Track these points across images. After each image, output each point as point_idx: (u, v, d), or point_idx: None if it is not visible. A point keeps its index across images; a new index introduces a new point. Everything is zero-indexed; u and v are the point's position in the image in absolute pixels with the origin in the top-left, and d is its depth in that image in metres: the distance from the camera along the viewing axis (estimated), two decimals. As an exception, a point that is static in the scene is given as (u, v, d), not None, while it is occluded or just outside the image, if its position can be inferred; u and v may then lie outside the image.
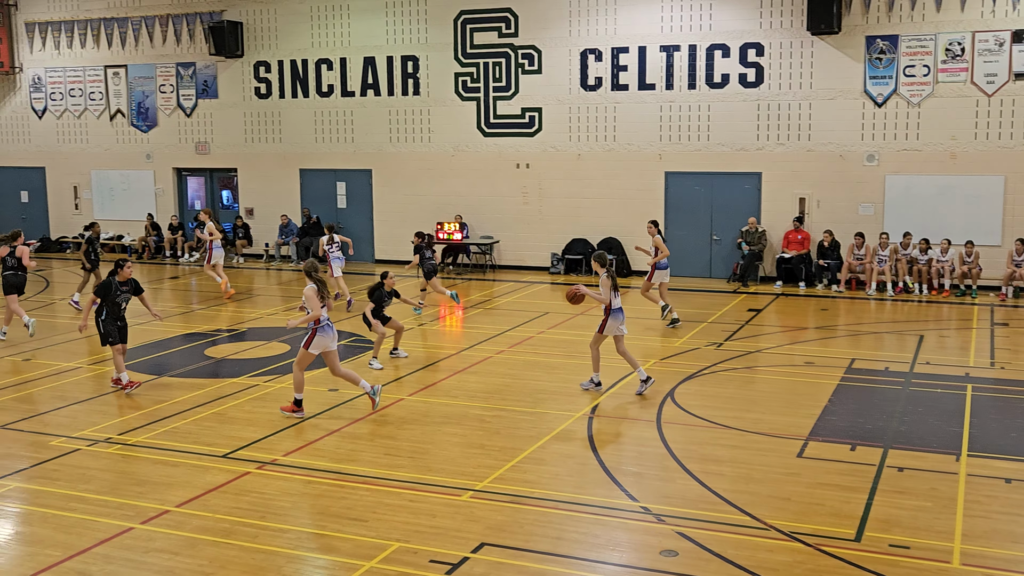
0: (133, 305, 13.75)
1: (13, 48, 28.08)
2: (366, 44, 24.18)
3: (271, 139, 25.61)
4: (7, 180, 29.16)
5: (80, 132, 27.93)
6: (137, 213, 27.14)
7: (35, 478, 9.86)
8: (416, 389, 12.91)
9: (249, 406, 12.23)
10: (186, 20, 25.95)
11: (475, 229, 23.68)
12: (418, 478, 9.59)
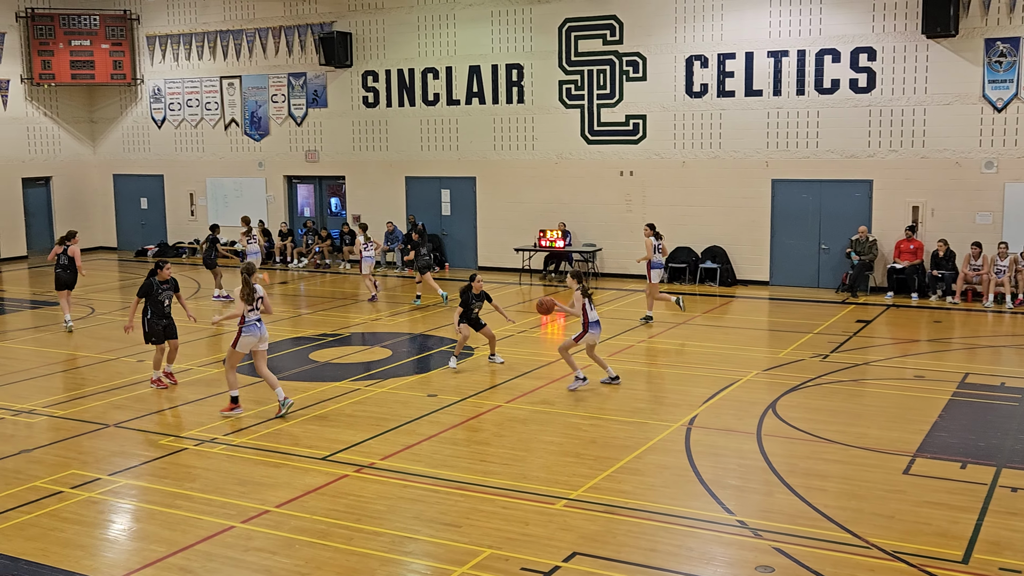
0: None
1: (135, 60, 29.20)
2: (471, 53, 24.39)
3: (378, 147, 26.04)
4: (128, 187, 30.32)
5: (196, 141, 28.87)
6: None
7: (144, 475, 10.20)
8: (513, 396, 12.93)
9: (350, 409, 12.42)
10: (297, 32, 26.59)
11: (578, 237, 23.63)
12: (512, 485, 9.59)
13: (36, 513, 9.09)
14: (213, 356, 15.52)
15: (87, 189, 30.43)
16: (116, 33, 28.75)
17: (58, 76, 28.46)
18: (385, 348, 16.05)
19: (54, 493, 9.60)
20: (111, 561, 8.15)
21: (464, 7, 24.29)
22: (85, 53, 28.54)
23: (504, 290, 21.83)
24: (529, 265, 23.75)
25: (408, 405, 12.56)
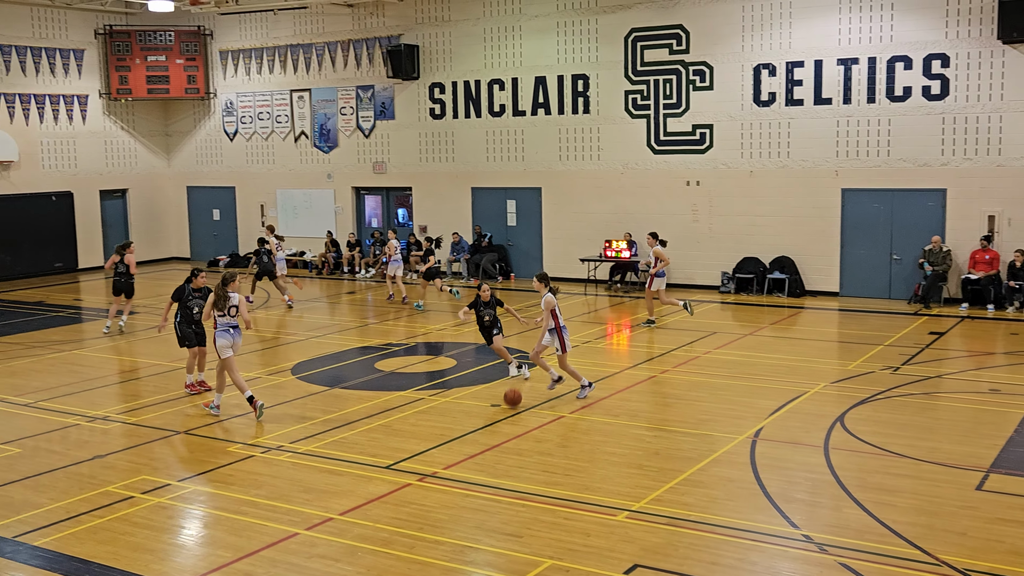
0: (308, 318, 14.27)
1: (208, 75, 29.82)
2: (537, 64, 24.44)
3: (444, 158, 26.22)
4: (202, 199, 30.95)
5: (267, 153, 29.37)
6: (318, 230, 28.28)
7: (212, 481, 10.38)
8: (577, 407, 12.89)
9: (414, 419, 12.50)
10: (366, 45, 26.92)
11: (644, 247, 23.49)
12: (574, 496, 9.56)
13: (108, 517, 9.30)
14: (280, 366, 15.75)
15: (162, 201, 31.14)
16: (190, 48, 29.40)
17: (135, 91, 29.19)
18: (450, 358, 16.12)
19: (126, 498, 9.81)
20: (179, 566, 8.30)
21: (530, 18, 24.37)
22: (160, 68, 29.24)
23: (569, 300, 21.79)
24: (595, 275, 23.70)
25: (471, 415, 12.60)
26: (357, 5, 26.60)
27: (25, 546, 8.69)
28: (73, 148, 28.74)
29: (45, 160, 28.08)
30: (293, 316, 20.79)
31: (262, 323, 20.11)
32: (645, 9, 22.89)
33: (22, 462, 11.14)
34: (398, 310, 21.19)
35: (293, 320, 20.32)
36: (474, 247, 25.51)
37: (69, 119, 28.54)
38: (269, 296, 23.53)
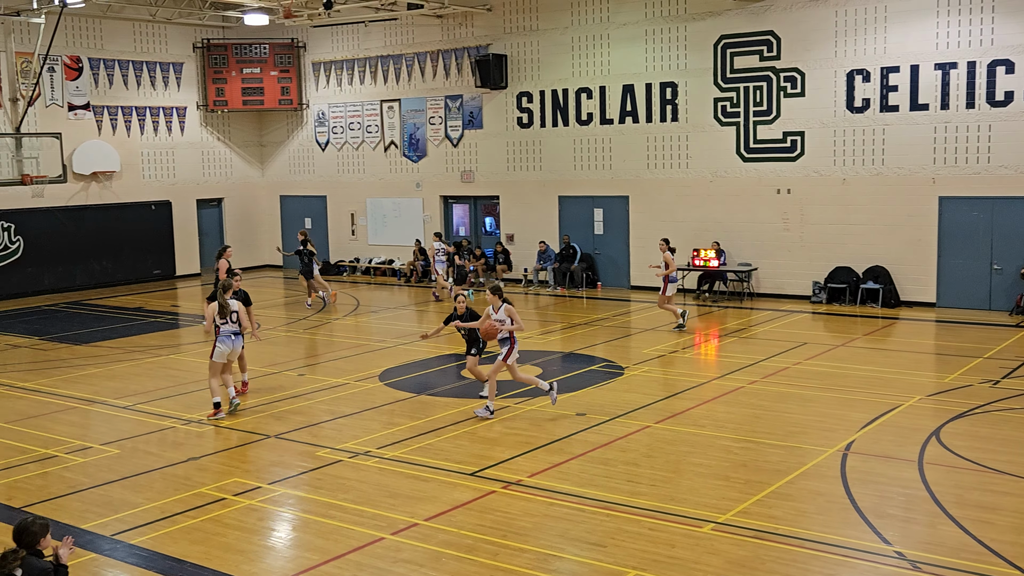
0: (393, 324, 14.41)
1: (301, 86, 30.44)
2: (625, 72, 24.36)
3: (532, 167, 26.28)
4: (294, 208, 31.57)
5: (357, 163, 29.82)
6: (406, 239, 28.60)
7: (302, 485, 10.56)
8: (663, 417, 12.78)
9: (499, 426, 12.54)
10: (455, 55, 27.17)
11: (733, 256, 23.21)
12: (659, 507, 9.48)
13: (201, 518, 9.53)
14: (368, 372, 15.94)
15: (256, 210, 31.85)
16: (284, 61, 30.05)
17: (230, 102, 29.95)
18: (536, 366, 16.13)
19: (218, 499, 10.05)
20: (268, 567, 8.47)
21: (618, 27, 24.31)
22: (255, 80, 29.94)
23: (657, 310, 21.62)
24: (682, 285, 23.47)
25: (557, 423, 12.59)
26: (446, 16, 26.87)
27: (123, 544, 8.96)
28: (172, 158, 29.59)
29: (145, 170, 28.97)
30: (382, 322, 21.05)
31: (350, 329, 20.43)
32: (735, 16, 22.64)
33: (120, 463, 11.49)
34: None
35: (382, 327, 20.57)
36: (561, 256, 25.49)
37: (168, 130, 29.40)
38: (358, 303, 23.87)
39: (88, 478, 10.92)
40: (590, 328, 19.63)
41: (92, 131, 27.62)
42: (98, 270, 27.93)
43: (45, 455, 11.81)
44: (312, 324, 21.02)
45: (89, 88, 27.47)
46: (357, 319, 21.78)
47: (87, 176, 27.44)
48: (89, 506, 10.00)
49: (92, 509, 9.90)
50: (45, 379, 16.06)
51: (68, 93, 27.05)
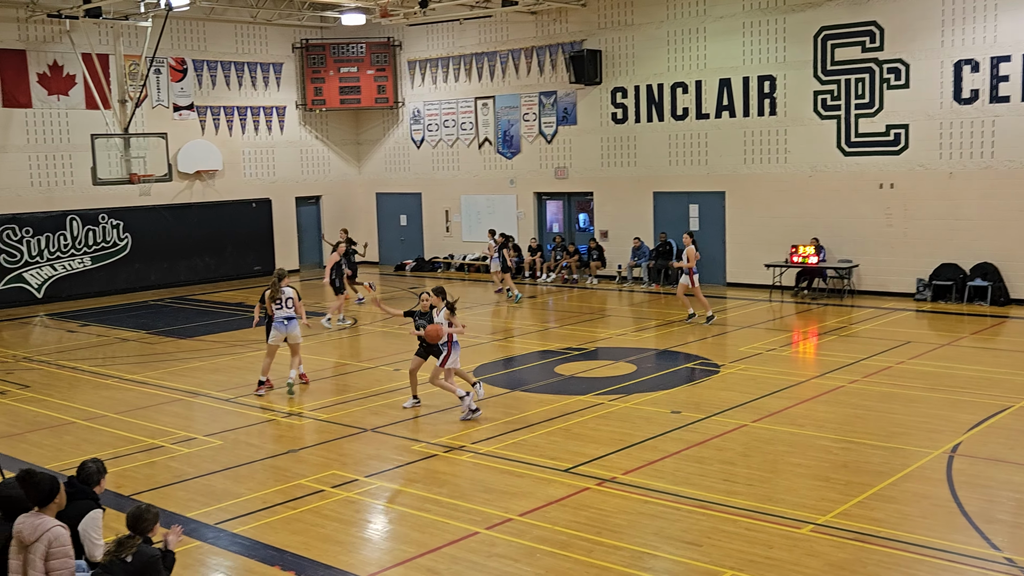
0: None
1: (397, 84, 30.79)
2: (722, 66, 24.02)
3: (626, 163, 26.12)
4: (390, 205, 31.97)
5: (452, 160, 30.04)
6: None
7: (398, 479, 10.68)
8: (760, 416, 12.57)
9: (593, 423, 12.49)
10: (549, 51, 27.16)
11: (832, 252, 22.70)
12: (756, 507, 9.32)
13: (300, 509, 9.71)
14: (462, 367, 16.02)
15: (352, 207, 32.34)
16: (380, 59, 30.44)
17: (328, 101, 30.46)
18: (630, 363, 16.03)
19: (317, 491, 10.23)
20: (365, 558, 8.58)
21: (715, 20, 23.98)
22: (352, 79, 30.40)
23: (754, 307, 21.31)
24: (780, 282, 23.05)
25: (651, 421, 12.49)
26: (540, 12, 26.87)
27: (226, 533, 9.19)
28: (272, 157, 30.24)
29: (246, 168, 29.65)
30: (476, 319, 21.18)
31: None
32: (836, 7, 22.12)
33: (223, 454, 11.79)
34: (576, 315, 21.25)
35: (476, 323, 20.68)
36: (656, 252, 25.28)
37: (268, 130, 30.05)
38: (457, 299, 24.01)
39: (192, 468, 11.23)
40: (685, 325, 19.41)
41: (196, 131, 28.38)
42: (201, 266, 28.70)
43: (152, 445, 12.18)
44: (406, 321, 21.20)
45: (193, 89, 28.24)
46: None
47: (191, 175, 28.22)
48: (193, 495, 10.28)
49: (196, 498, 10.17)
50: (152, 372, 16.56)
51: (173, 94, 27.85)
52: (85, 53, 25.25)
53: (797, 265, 22.66)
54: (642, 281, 25.47)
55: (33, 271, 25.28)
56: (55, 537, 6.20)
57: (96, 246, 26.38)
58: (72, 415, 13.78)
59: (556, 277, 26.74)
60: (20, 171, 25.05)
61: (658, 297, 23.44)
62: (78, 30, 25.18)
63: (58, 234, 25.61)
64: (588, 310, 21.95)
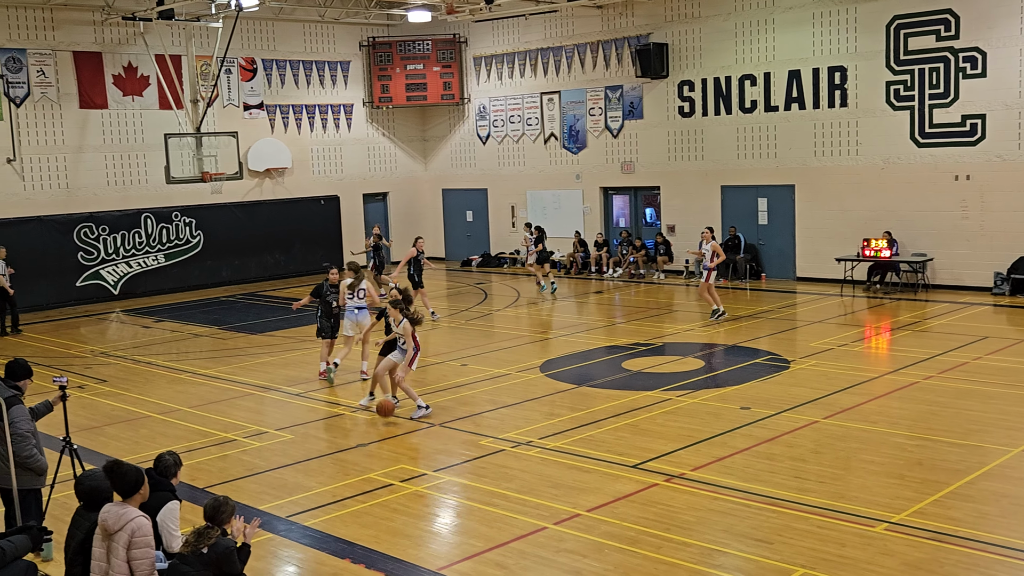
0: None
1: (463, 81, 30.90)
2: (791, 57, 23.67)
3: (693, 157, 25.89)
4: (456, 201, 32.10)
5: (517, 155, 30.06)
6: (566, 230, 28.64)
7: (466, 473, 10.73)
8: (831, 412, 12.37)
9: (661, 419, 12.42)
10: (615, 45, 27.02)
11: (906, 246, 22.24)
12: (829, 504, 9.18)
13: (370, 503, 9.81)
14: (529, 363, 16.05)
15: (419, 203, 32.54)
16: (446, 56, 30.57)
17: (395, 99, 30.69)
18: (698, 359, 15.90)
19: (386, 485, 10.32)
20: (434, 552, 8.64)
21: (784, 10, 23.64)
22: (418, 76, 30.58)
23: (824, 302, 20.99)
24: (851, 276, 22.65)
25: (720, 417, 12.37)
26: (606, 6, 26.74)
27: (297, 526, 9.32)
28: (339, 154, 30.56)
29: (315, 166, 30.02)
30: (542, 314, 21.18)
31: (510, 320, 20.64)
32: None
33: (294, 447, 11.95)
34: (644, 310, 21.13)
35: (542, 318, 20.69)
36: (725, 247, 24.99)
37: (336, 127, 30.37)
38: (518, 295, 24.08)
39: (264, 461, 11.41)
40: (754, 320, 19.20)
41: (265, 129, 28.80)
42: (271, 262, 29.12)
43: (225, 439, 12.40)
44: (474, 315, 21.32)
45: (263, 88, 28.65)
46: (517, 310, 21.98)
47: (261, 173, 28.64)
48: (265, 488, 10.44)
49: (268, 491, 10.33)
50: (224, 367, 16.86)
51: (243, 93, 28.29)
52: (158, 54, 25.77)
53: (869, 259, 22.25)
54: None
55: (109, 268, 25.89)
56: (138, 527, 6.35)
57: (169, 243, 26.93)
58: (148, 409, 14.09)
59: (623, 272, 26.62)
60: (97, 171, 25.67)
61: (726, 292, 23.20)
62: (151, 32, 25.70)
63: (133, 232, 26.21)
64: (655, 305, 21.82)
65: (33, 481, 8.45)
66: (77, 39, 25.05)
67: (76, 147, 25.29)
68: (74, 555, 6.69)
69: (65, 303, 24.81)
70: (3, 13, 23.87)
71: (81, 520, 6.77)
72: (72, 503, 8.74)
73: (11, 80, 24.04)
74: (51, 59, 24.67)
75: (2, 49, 23.87)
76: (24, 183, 24.52)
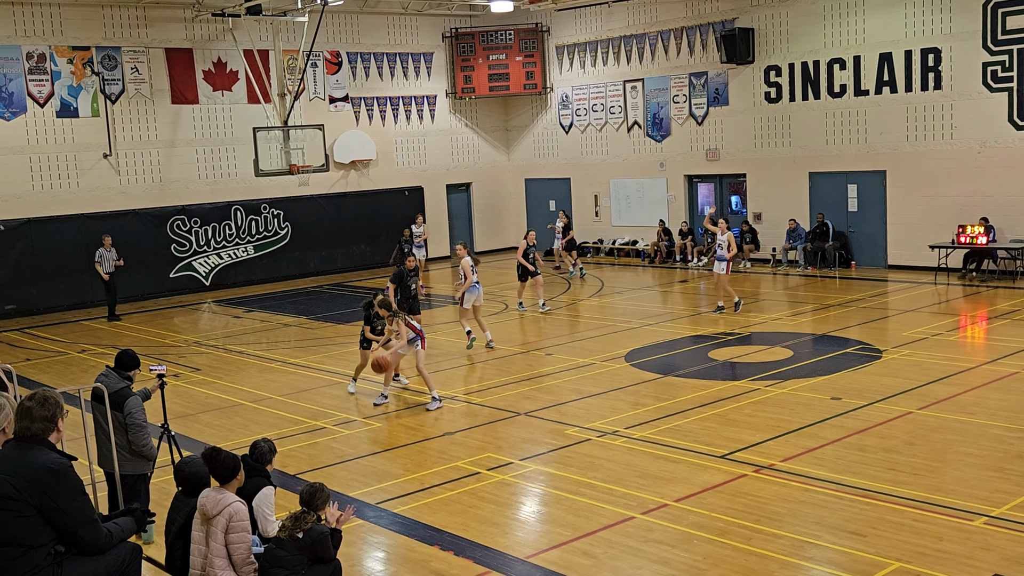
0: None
1: (545, 70, 30.86)
2: (882, 39, 23.09)
3: (780, 143, 25.45)
4: (539, 190, 32.10)
5: (600, 144, 29.92)
6: (650, 219, 28.45)
7: (551, 462, 10.74)
8: (926, 403, 12.07)
9: (749, 409, 12.26)
10: (699, 31, 26.69)
11: (1003, 232, 21.55)
12: (924, 497, 8.97)
13: (457, 491, 9.88)
14: (614, 352, 15.98)
15: (502, 193, 32.63)
16: (528, 46, 30.55)
17: (478, 89, 30.79)
18: (786, 348, 15.65)
19: (472, 473, 10.38)
20: (522, 540, 8.67)
21: (874, -8, 23.08)
22: (501, 66, 30.63)
23: (917, 290, 20.47)
24: (946, 264, 22.04)
25: (810, 407, 12.16)
26: (690, -8, 26.44)
27: (386, 512, 9.44)
28: (423, 145, 30.79)
29: (399, 157, 30.29)
30: (626, 303, 21.07)
31: (595, 310, 20.58)
32: (1006, -28, 20.96)
33: (382, 435, 12.11)
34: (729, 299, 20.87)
35: (627, 307, 20.59)
36: (813, 234, 24.56)
37: (420, 119, 30.60)
38: (602, 284, 24.00)
39: (353, 449, 11.58)
40: (844, 309, 18.83)
41: (351, 122, 29.16)
42: (357, 253, 29.50)
43: (314, 427, 12.61)
44: (557, 305, 21.31)
45: (348, 81, 29.01)
46: (601, 300, 21.90)
47: (347, 164, 29.02)
48: (355, 475, 10.60)
49: (357, 478, 10.48)
50: (313, 356, 17.15)
51: (329, 86, 28.68)
52: (247, 49, 26.25)
53: (965, 246, 21.62)
54: (797, 264, 24.79)
55: (201, 259, 26.53)
56: (235, 512, 6.50)
57: (258, 235, 27.47)
58: (240, 397, 14.41)
59: (708, 261, 26.32)
60: (188, 164, 26.30)
61: (814, 280, 22.80)
62: (240, 28, 26.20)
63: (223, 224, 26.80)
64: (741, 294, 21.49)
65: (143, 467, 8.76)
66: (169, 36, 25.68)
67: (168, 142, 25.95)
68: (174, 539, 6.89)
69: (160, 294, 25.52)
70: (99, 12, 24.58)
71: (180, 505, 6.96)
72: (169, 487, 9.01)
73: (107, 77, 24.77)
74: (144, 56, 25.34)
75: (98, 47, 24.59)
76: (119, 177, 25.25)
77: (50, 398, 5.43)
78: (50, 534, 5.25)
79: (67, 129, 24.37)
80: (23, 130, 23.79)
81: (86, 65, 24.48)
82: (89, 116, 24.65)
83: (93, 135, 24.71)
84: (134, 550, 5.68)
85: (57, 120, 24.23)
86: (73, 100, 24.42)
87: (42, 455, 5.25)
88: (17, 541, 5.14)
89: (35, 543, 5.20)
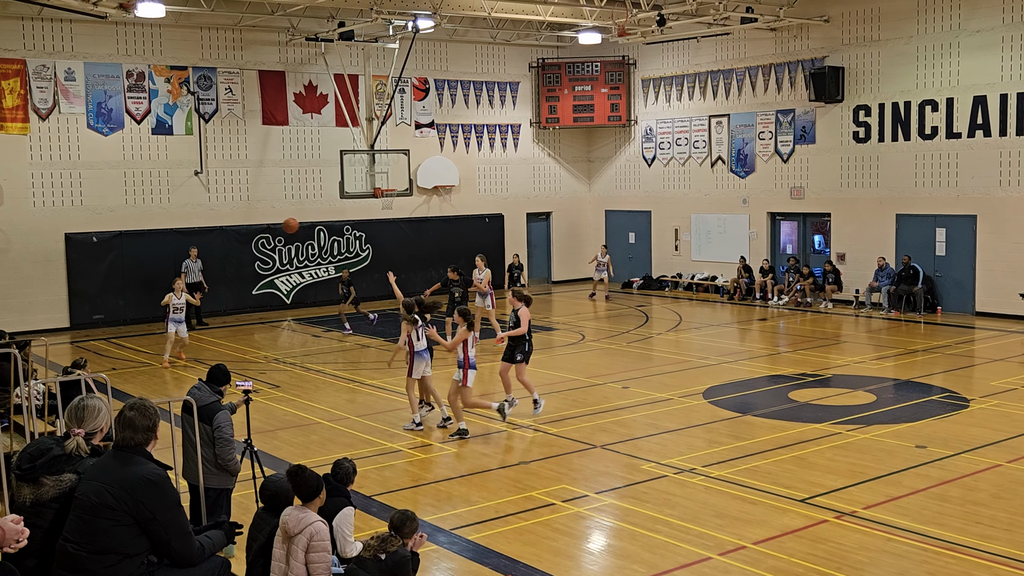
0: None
1: (630, 103, 30.87)
2: (976, 82, 22.65)
3: (867, 183, 25.06)
4: (619, 222, 32.04)
5: (683, 178, 29.78)
6: (730, 255, 28.17)
7: (627, 497, 10.65)
8: (1017, 456, 11.71)
9: (830, 453, 12.03)
10: (788, 68, 26.47)
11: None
12: (1014, 554, 8.69)
13: (532, 521, 9.86)
14: (692, 388, 15.83)
15: (582, 224, 32.64)
16: (614, 78, 30.61)
17: (562, 119, 30.92)
18: (869, 392, 15.34)
19: (547, 504, 10.35)
20: (594, 574, 8.61)
21: (970, 34, 22.65)
22: (586, 98, 30.73)
23: (1007, 339, 19.93)
24: (1037, 313, 21.44)
25: (893, 455, 11.89)
26: (780, 29, 26.25)
27: (460, 539, 9.46)
28: (505, 173, 30.98)
29: (481, 184, 30.52)
30: (704, 339, 20.87)
31: (671, 345, 20.42)
32: (1110, 17, 20.43)
33: (458, 461, 12.15)
34: (810, 340, 20.54)
35: (705, 343, 20.39)
36: (899, 277, 24.07)
37: (503, 147, 30.82)
38: (680, 319, 23.81)
39: (429, 473, 11.64)
40: (929, 355, 18.40)
41: (435, 147, 29.49)
42: (436, 278, 29.55)
43: (390, 449, 12.70)
44: (634, 338, 21.20)
45: (434, 107, 29.38)
46: (678, 335, 21.73)
47: (429, 190, 29.33)
48: (430, 500, 10.64)
49: (432, 503, 10.53)
50: (390, 378, 17.27)
51: (415, 112, 29.08)
52: (337, 74, 26.75)
53: (1058, 296, 21.00)
54: (881, 307, 24.29)
55: (283, 278, 27.00)
56: (316, 531, 6.58)
57: (340, 256, 27.87)
58: (317, 415, 14.59)
59: (789, 300, 25.96)
60: (275, 184, 26.84)
61: (898, 324, 22.33)
62: (332, 52, 26.72)
63: (307, 244, 27.25)
64: (822, 335, 21.19)
65: (227, 481, 8.93)
66: (263, 59, 26.31)
67: (257, 161, 26.52)
68: (255, 556, 6.98)
69: (242, 310, 26.01)
70: (196, 34, 25.30)
71: (263, 523, 7.05)
72: (249, 502, 9.16)
73: (201, 97, 25.44)
74: (238, 77, 25.99)
75: (195, 68, 25.30)
76: (209, 194, 25.87)
77: (150, 408, 5.57)
78: (145, 544, 5.37)
79: (161, 146, 25.07)
80: (119, 146, 24.54)
81: (182, 84, 25.19)
82: (183, 134, 25.34)
83: (185, 152, 25.39)
84: (224, 564, 5.78)
85: (152, 137, 24.95)
86: (168, 118, 25.13)
87: (141, 465, 5.38)
88: (114, 549, 5.27)
89: (131, 552, 5.32)
